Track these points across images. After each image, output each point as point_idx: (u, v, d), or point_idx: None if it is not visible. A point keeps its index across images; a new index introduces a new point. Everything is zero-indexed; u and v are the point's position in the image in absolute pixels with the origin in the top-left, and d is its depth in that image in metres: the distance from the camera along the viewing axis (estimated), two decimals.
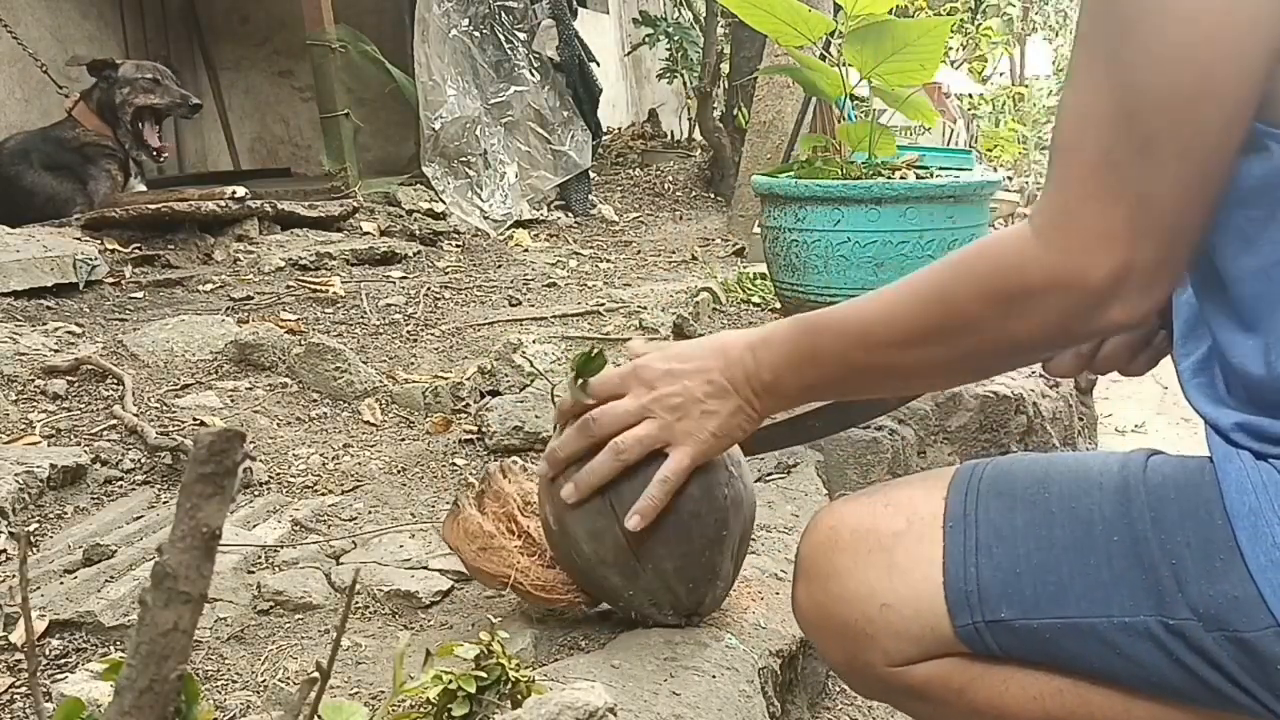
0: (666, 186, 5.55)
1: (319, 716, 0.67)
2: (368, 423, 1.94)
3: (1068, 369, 1.00)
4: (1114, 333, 0.79)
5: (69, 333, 2.26)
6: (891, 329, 0.86)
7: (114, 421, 1.74)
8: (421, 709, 0.89)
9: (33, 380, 1.91)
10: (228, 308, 2.65)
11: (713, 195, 5.49)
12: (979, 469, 0.90)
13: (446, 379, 2.09)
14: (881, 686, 0.91)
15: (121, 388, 1.87)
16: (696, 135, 6.61)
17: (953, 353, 0.84)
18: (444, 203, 4.11)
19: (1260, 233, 0.74)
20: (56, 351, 2.09)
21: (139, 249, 3.21)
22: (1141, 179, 0.71)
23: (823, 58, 2.54)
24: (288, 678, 1.11)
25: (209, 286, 2.91)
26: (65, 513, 1.50)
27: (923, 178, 2.31)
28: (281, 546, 1.43)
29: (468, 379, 2.07)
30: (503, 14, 4.51)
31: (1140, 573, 0.78)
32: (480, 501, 1.21)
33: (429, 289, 2.97)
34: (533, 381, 2.03)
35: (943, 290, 0.83)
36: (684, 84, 7.39)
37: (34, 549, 1.38)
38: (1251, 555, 0.74)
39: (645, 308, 2.75)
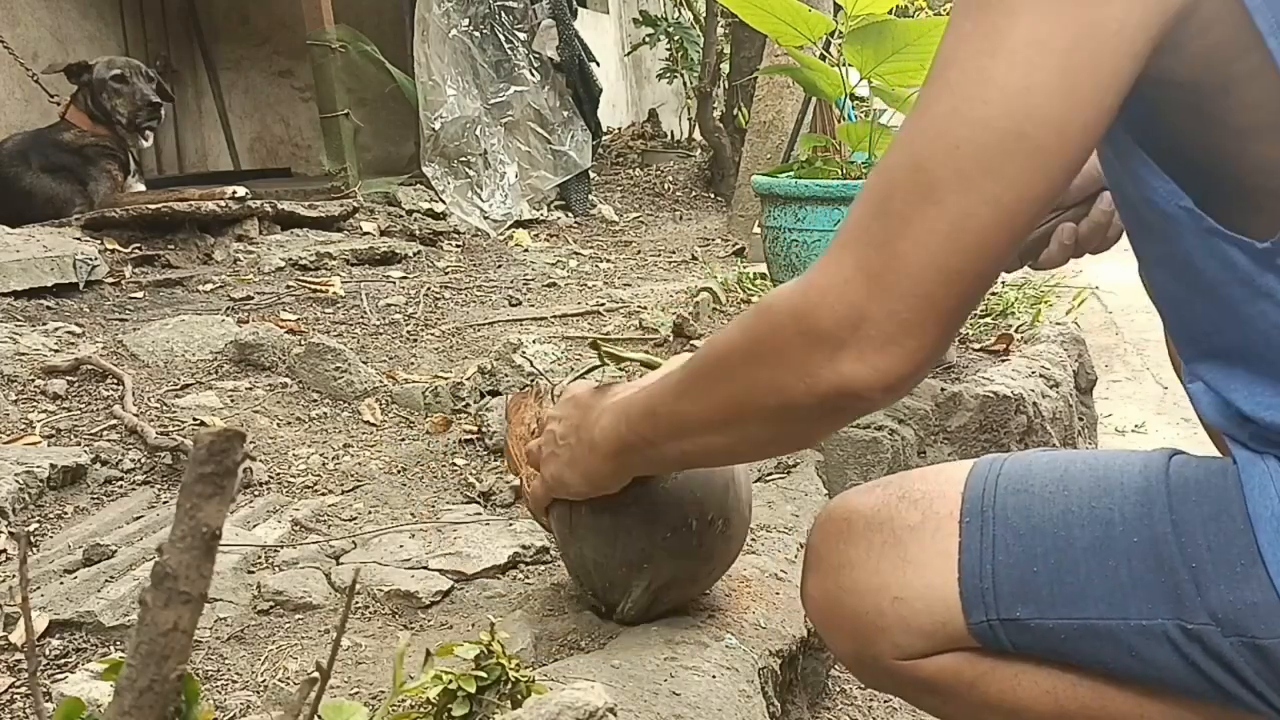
0: (666, 186, 5.55)
1: (319, 716, 0.67)
2: (368, 423, 1.94)
3: (1055, 259, 1.06)
4: (848, 399, 0.73)
5: (69, 333, 2.26)
6: (679, 367, 0.86)
7: (114, 421, 1.74)
8: (421, 709, 0.89)
9: (33, 380, 1.91)
10: (228, 308, 2.65)
11: (713, 195, 5.49)
12: (997, 464, 0.89)
13: (446, 379, 2.09)
14: (890, 679, 0.90)
15: (121, 388, 1.87)
16: (696, 135, 6.61)
17: (716, 406, 0.81)
18: (444, 203, 4.11)
19: (1228, 319, 0.75)
20: (56, 351, 2.09)
21: (139, 249, 3.21)
22: (906, 231, 0.68)
23: (823, 58, 2.54)
24: (288, 678, 1.11)
25: (209, 286, 2.91)
26: (65, 513, 1.50)
27: None
28: (281, 546, 1.43)
29: (468, 379, 2.07)
30: (503, 14, 4.51)
31: (1159, 575, 0.78)
32: (546, 402, 1.29)
33: (429, 289, 2.97)
34: (533, 381, 2.03)
35: (714, 338, 0.82)
36: (684, 84, 7.40)
37: (34, 549, 1.38)
38: (1273, 560, 0.73)
39: (645, 308, 2.75)
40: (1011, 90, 0.66)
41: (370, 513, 1.58)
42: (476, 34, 4.41)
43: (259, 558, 1.39)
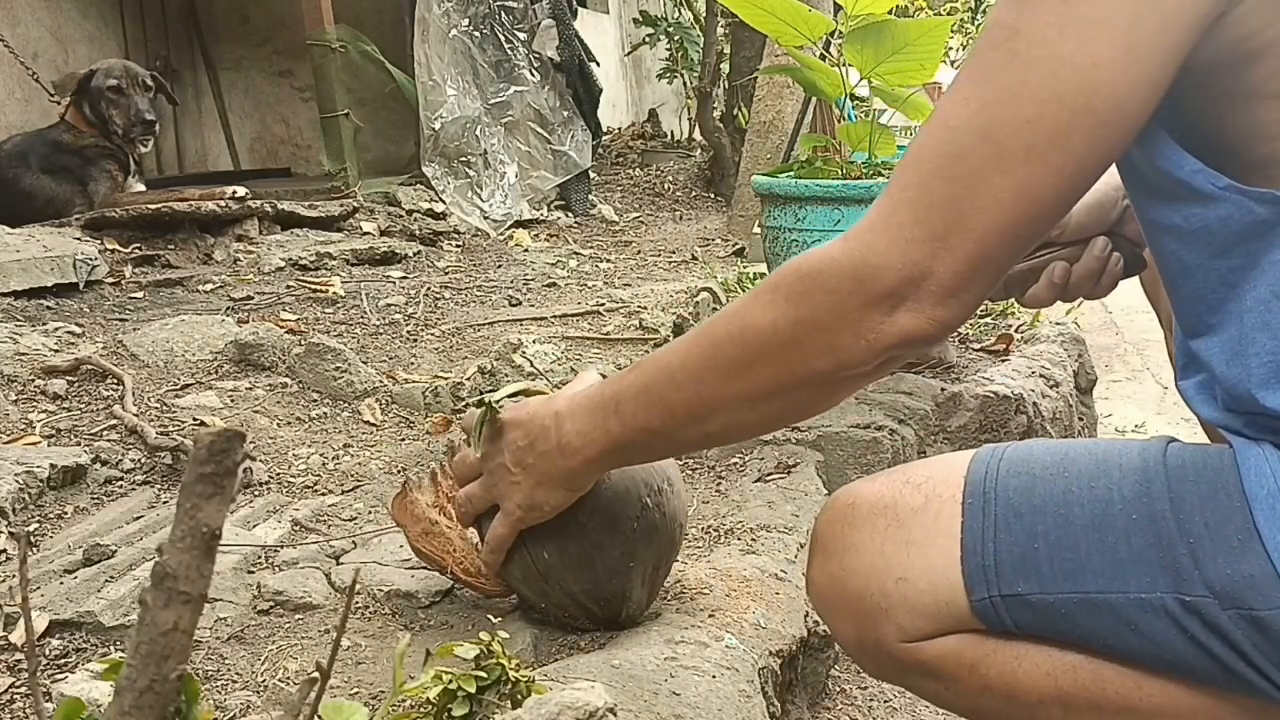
0: (666, 186, 5.55)
1: (319, 716, 0.67)
2: (368, 423, 1.94)
3: (1043, 298, 1.05)
4: (905, 348, 0.76)
5: (69, 333, 2.26)
6: (686, 349, 0.86)
7: (114, 421, 1.74)
8: (421, 709, 0.89)
9: (33, 380, 1.91)
10: (228, 308, 2.65)
11: (713, 195, 5.49)
12: (999, 450, 0.90)
13: (446, 379, 2.09)
14: (893, 664, 0.91)
15: (121, 388, 1.87)
16: (696, 135, 6.61)
17: (758, 379, 0.81)
18: (444, 203, 4.11)
19: (1244, 278, 0.76)
20: (56, 351, 2.09)
21: (139, 249, 3.21)
22: (973, 197, 0.72)
23: (823, 58, 2.54)
24: (288, 678, 1.11)
25: (209, 286, 2.91)
26: (65, 513, 1.50)
27: None
28: (281, 546, 1.43)
29: (468, 379, 2.07)
30: (503, 14, 4.51)
31: (1158, 550, 0.79)
32: (432, 481, 1.23)
33: (429, 289, 2.98)
34: (533, 382, 2.03)
35: (738, 303, 0.83)
36: (684, 84, 7.40)
37: (34, 549, 1.38)
38: (1269, 535, 0.75)
39: (645, 308, 2.75)
40: (1081, 66, 0.69)
41: (370, 513, 1.58)
42: (476, 34, 4.41)
43: (259, 558, 1.39)
